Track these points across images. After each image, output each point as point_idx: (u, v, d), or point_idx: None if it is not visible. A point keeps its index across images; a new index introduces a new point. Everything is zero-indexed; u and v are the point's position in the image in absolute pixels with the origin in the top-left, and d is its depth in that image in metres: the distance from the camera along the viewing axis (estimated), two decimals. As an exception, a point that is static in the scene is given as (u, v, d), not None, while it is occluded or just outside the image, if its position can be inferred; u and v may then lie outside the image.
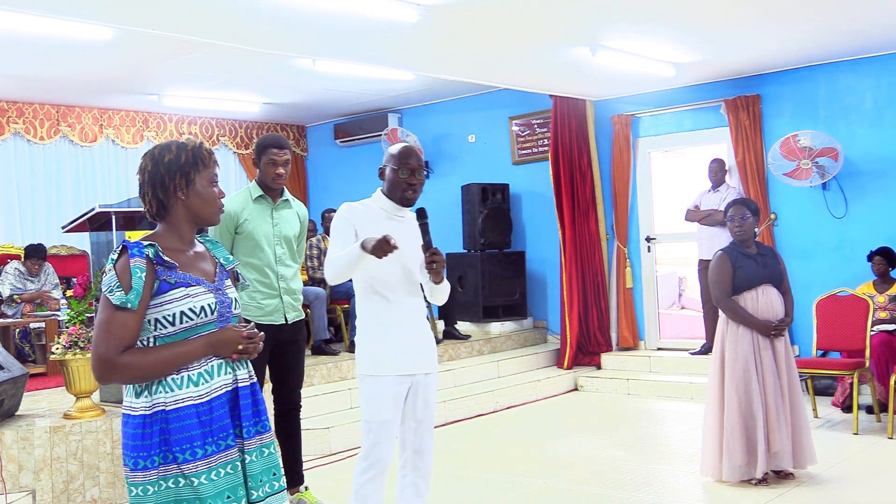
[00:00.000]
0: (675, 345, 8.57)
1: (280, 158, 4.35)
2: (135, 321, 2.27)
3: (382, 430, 3.33)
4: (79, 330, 4.58)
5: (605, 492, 4.88)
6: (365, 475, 3.35)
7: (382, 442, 3.34)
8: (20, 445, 4.46)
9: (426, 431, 3.47)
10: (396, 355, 3.36)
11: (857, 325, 6.30)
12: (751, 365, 4.77)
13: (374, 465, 3.35)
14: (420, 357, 3.43)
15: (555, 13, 5.65)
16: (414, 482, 3.47)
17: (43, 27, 5.62)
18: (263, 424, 2.43)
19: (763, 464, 4.71)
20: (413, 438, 3.45)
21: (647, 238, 8.65)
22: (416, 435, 3.45)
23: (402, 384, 3.37)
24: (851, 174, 7.33)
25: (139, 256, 2.29)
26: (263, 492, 2.39)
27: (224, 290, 2.43)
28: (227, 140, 10.46)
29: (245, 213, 4.34)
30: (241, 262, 4.32)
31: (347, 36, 5.98)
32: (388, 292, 3.38)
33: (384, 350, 3.36)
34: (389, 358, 3.35)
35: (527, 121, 9.30)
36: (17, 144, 8.80)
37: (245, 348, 2.37)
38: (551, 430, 6.61)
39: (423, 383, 3.44)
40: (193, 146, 2.41)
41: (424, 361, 3.45)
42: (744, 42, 6.69)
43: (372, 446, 3.34)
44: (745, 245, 4.95)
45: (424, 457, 3.48)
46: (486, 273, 8.82)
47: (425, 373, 3.45)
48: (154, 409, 2.27)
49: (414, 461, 3.47)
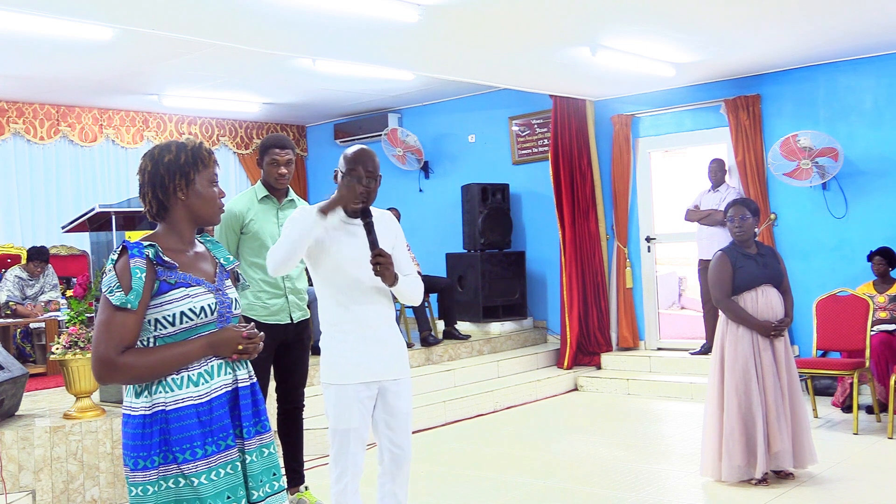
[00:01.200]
0: (675, 345, 8.57)
1: (282, 158, 4.35)
2: (135, 321, 2.27)
3: (348, 437, 3.27)
4: (79, 330, 4.58)
5: (605, 492, 4.88)
6: (339, 483, 3.31)
7: (349, 449, 3.27)
8: (20, 445, 4.46)
9: (400, 439, 3.38)
10: (359, 362, 3.27)
11: (857, 325, 6.30)
12: (751, 365, 4.77)
13: (344, 472, 3.30)
14: (386, 364, 3.33)
15: (555, 13, 5.65)
16: (392, 491, 3.41)
17: (43, 27, 5.62)
18: (263, 424, 2.43)
19: (763, 464, 4.71)
20: (388, 446, 3.38)
21: (647, 238, 8.65)
22: (390, 442, 3.37)
23: (367, 391, 3.29)
24: (851, 174, 7.33)
25: (139, 257, 2.28)
26: (263, 492, 2.39)
27: (224, 291, 2.43)
28: (227, 140, 10.46)
29: (250, 213, 4.34)
30: (247, 262, 4.34)
31: (347, 36, 5.98)
32: (346, 300, 3.28)
33: (346, 358, 3.28)
34: (351, 365, 3.27)
35: (527, 121, 9.30)
36: (17, 144, 8.80)
37: (245, 348, 2.36)
38: (551, 430, 6.61)
39: (392, 391, 3.35)
40: (193, 146, 2.41)
41: (391, 367, 3.34)
42: (744, 42, 6.68)
43: (338, 454, 3.29)
44: (745, 245, 4.95)
45: (401, 464, 3.40)
46: (486, 273, 8.82)
47: (392, 379, 3.34)
48: (154, 409, 2.27)
49: (391, 469, 3.40)
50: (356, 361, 3.28)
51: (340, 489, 3.31)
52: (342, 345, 3.30)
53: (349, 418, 3.27)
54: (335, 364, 3.31)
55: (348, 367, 3.28)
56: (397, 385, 3.37)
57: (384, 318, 3.37)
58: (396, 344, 3.40)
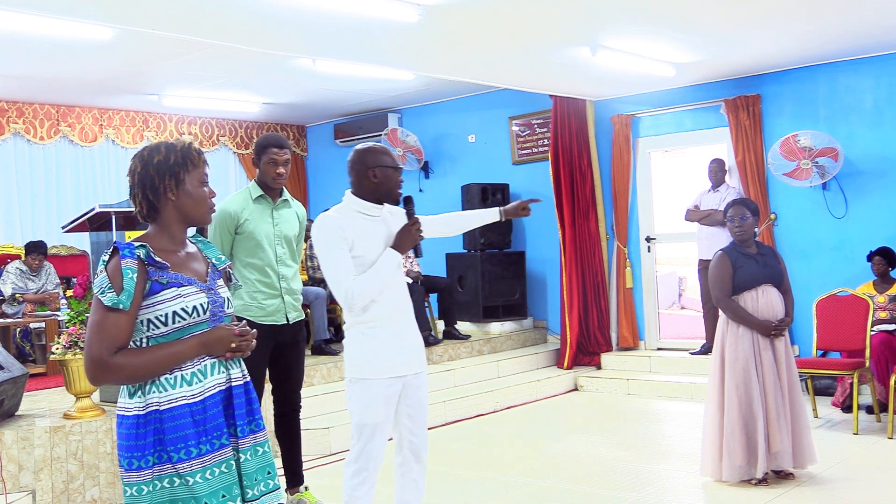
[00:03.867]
0: (675, 345, 8.57)
1: (280, 158, 4.33)
2: (127, 322, 2.26)
3: (374, 432, 3.32)
4: (79, 330, 4.57)
5: (605, 492, 4.88)
6: (357, 478, 3.35)
7: (374, 444, 3.33)
8: (20, 445, 4.46)
9: (420, 430, 3.48)
10: (387, 357, 3.33)
11: (857, 325, 6.30)
12: (751, 365, 4.77)
13: (364, 467, 3.34)
14: (409, 358, 3.41)
15: (555, 13, 5.65)
16: (413, 479, 3.50)
17: (43, 27, 5.62)
18: (257, 423, 2.43)
19: (763, 464, 4.70)
20: (409, 437, 3.46)
21: (647, 238, 8.65)
22: (410, 433, 3.46)
23: (394, 386, 3.35)
24: (851, 174, 7.33)
25: (130, 257, 2.28)
26: (258, 490, 2.39)
27: (216, 290, 2.43)
28: (227, 140, 10.46)
29: (245, 213, 4.32)
30: (241, 263, 4.32)
31: (347, 36, 5.98)
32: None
33: (374, 353, 3.33)
34: (380, 360, 3.32)
35: (527, 121, 9.30)
36: (17, 144, 8.80)
37: (238, 346, 2.37)
38: (551, 430, 6.61)
39: (414, 384, 3.43)
40: (182, 146, 2.41)
41: (414, 362, 3.43)
42: (744, 42, 6.68)
43: (363, 449, 3.34)
44: (745, 245, 4.95)
45: (420, 454, 3.50)
46: (486, 273, 8.82)
47: (415, 373, 3.43)
48: (148, 409, 2.27)
49: (411, 459, 3.49)
50: (383, 357, 3.34)
51: (358, 483, 3.35)
52: (370, 340, 3.35)
53: (376, 413, 3.32)
54: (363, 359, 3.35)
55: (376, 362, 3.33)
56: (418, 378, 3.46)
57: (407, 312, 3.46)
58: (417, 338, 3.49)
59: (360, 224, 3.35)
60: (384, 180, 3.41)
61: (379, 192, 3.42)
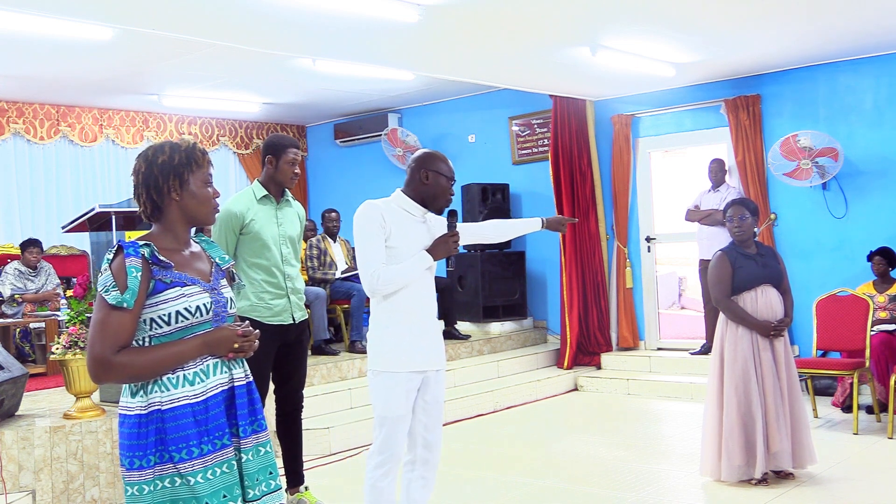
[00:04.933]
0: (675, 345, 8.57)
1: (298, 158, 4.42)
2: (130, 321, 2.26)
3: (397, 424, 3.38)
4: (79, 330, 4.57)
5: (605, 492, 4.88)
6: (380, 469, 3.40)
7: (396, 436, 3.39)
8: (20, 445, 4.46)
9: (436, 426, 3.52)
10: (411, 352, 3.39)
11: (857, 325, 6.30)
12: (750, 365, 4.77)
13: (388, 459, 3.40)
14: (431, 355, 3.47)
15: (555, 13, 5.65)
16: (422, 475, 3.53)
17: (43, 27, 5.62)
18: (259, 423, 2.43)
19: (762, 464, 4.70)
20: (423, 433, 3.50)
21: (647, 238, 8.65)
22: (425, 429, 3.50)
23: (415, 380, 3.41)
24: (851, 174, 7.33)
25: (134, 256, 2.28)
26: (260, 490, 2.39)
27: (219, 290, 2.43)
28: (227, 140, 10.46)
29: (250, 213, 4.32)
30: (247, 263, 4.31)
31: (347, 36, 5.98)
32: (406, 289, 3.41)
33: (399, 346, 3.39)
34: (406, 354, 3.38)
35: (527, 121, 9.30)
36: (17, 144, 8.80)
37: (241, 347, 2.37)
38: (551, 430, 6.61)
39: (434, 380, 3.49)
40: (187, 146, 2.41)
41: (436, 358, 3.49)
42: (744, 42, 6.68)
43: (386, 441, 3.39)
44: (745, 245, 4.95)
45: (434, 451, 3.53)
46: (486, 273, 8.82)
47: (435, 370, 3.49)
48: (150, 408, 2.27)
49: (424, 455, 3.52)
50: (407, 351, 3.39)
51: (381, 474, 3.40)
52: (399, 334, 3.40)
53: (398, 405, 3.37)
54: (387, 351, 3.40)
55: (400, 356, 3.38)
56: (437, 375, 3.51)
57: (432, 311, 3.52)
58: (439, 336, 3.56)
59: (400, 218, 3.41)
60: (434, 185, 3.46)
61: (425, 195, 3.46)
